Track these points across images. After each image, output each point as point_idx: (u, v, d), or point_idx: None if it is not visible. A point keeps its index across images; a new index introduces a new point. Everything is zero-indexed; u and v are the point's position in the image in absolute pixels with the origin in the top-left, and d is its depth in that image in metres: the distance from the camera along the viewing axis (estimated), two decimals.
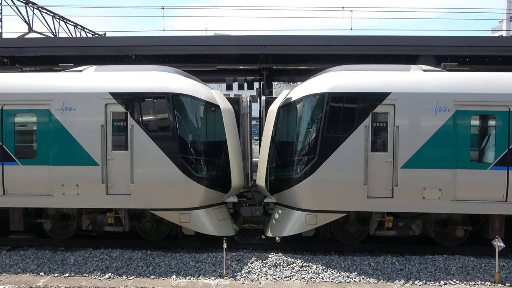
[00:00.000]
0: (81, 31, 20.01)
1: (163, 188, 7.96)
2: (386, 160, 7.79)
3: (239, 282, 6.89)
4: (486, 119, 7.90)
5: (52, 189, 8.10)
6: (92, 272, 7.28)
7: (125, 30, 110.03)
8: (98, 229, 8.66)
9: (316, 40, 11.70)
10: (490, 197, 7.73)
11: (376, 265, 7.51)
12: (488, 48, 11.41)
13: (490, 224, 8.29)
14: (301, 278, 7.05)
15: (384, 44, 11.50)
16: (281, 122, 8.54)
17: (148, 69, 8.75)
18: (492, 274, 7.21)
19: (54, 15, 17.61)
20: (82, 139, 7.99)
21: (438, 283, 6.90)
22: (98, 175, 7.99)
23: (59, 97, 8.03)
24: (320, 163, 7.79)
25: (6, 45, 12.38)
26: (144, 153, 7.94)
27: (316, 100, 8.12)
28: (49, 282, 6.95)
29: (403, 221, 8.24)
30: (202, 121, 8.63)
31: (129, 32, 54.64)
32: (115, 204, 8.18)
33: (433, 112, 7.67)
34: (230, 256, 7.82)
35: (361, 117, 7.78)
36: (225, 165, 8.40)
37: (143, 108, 7.98)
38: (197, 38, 12.52)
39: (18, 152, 8.21)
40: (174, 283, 6.88)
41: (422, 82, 7.87)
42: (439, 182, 7.69)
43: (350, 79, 8.03)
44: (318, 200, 7.94)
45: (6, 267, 7.61)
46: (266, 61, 12.12)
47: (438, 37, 11.81)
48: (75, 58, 12.13)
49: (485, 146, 7.91)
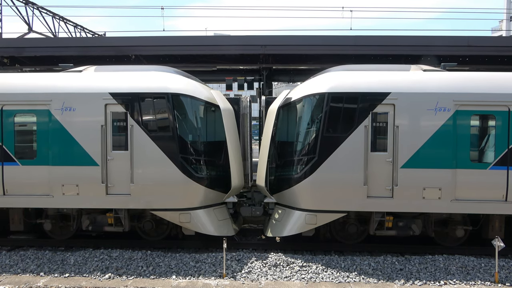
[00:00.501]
0: (81, 31, 20.01)
1: (163, 188, 7.96)
2: (386, 160, 7.79)
3: (239, 282, 6.89)
4: (486, 119, 7.90)
5: (52, 189, 8.10)
6: (92, 272, 7.28)
7: (125, 30, 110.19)
8: (98, 229, 8.66)
9: (316, 40, 11.70)
10: (490, 197, 7.73)
11: (376, 265, 7.51)
12: (488, 48, 11.41)
13: (490, 224, 8.29)
14: (301, 278, 7.05)
15: (384, 44, 11.50)
16: (281, 122, 8.54)
17: (148, 69, 8.75)
18: (492, 274, 7.21)
19: (54, 15, 17.61)
20: (82, 139, 7.99)
21: (438, 283, 6.90)
22: (98, 175, 7.99)
23: (59, 97, 8.03)
24: (320, 163, 7.79)
25: (6, 45, 12.38)
26: (144, 153, 7.94)
27: (316, 100, 8.12)
28: (49, 282, 6.95)
29: (403, 221, 8.24)
30: (202, 121, 8.63)
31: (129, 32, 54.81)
32: (115, 204, 8.18)
33: (433, 112, 7.67)
34: (230, 256, 7.82)
35: (361, 117, 7.78)
36: (225, 165, 8.40)
37: (143, 108, 7.98)
38: (197, 38, 12.52)
39: (18, 152, 8.21)
40: (174, 283, 6.88)
41: (422, 82, 7.87)
42: (439, 182, 7.69)
43: (350, 79, 8.03)
44: (318, 200, 7.94)
45: (6, 267, 7.61)
46: (266, 61, 12.12)
47: (438, 37, 11.81)
48: (75, 58, 12.13)
49: (485, 146, 7.91)
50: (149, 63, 12.32)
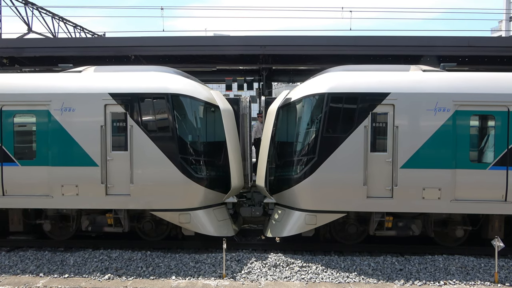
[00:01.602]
0: (80, 32, 19.99)
1: (163, 189, 7.95)
2: (386, 160, 7.79)
3: (239, 283, 6.88)
4: (485, 119, 7.91)
5: (51, 190, 8.09)
6: (92, 273, 7.27)
7: (124, 30, 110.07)
8: (97, 229, 8.64)
9: (316, 41, 11.71)
10: (489, 197, 7.73)
11: (375, 265, 7.51)
12: (487, 48, 11.43)
13: (490, 224, 8.29)
14: (300, 278, 7.05)
15: (383, 44, 11.52)
16: (281, 122, 8.54)
17: (147, 70, 8.75)
18: (492, 274, 7.21)
19: (54, 15, 17.59)
20: (81, 139, 7.98)
21: (438, 283, 6.90)
22: (98, 175, 7.98)
23: (59, 98, 8.02)
24: (319, 163, 7.79)
25: (6, 45, 12.38)
26: (143, 154, 7.93)
27: (315, 101, 8.12)
28: (49, 283, 6.94)
29: (402, 221, 8.24)
30: (202, 121, 8.63)
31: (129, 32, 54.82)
32: (115, 205, 8.17)
33: (433, 112, 7.67)
34: (229, 256, 7.81)
35: (361, 117, 7.78)
36: (225, 165, 8.39)
37: (143, 109, 7.98)
38: (197, 38, 12.52)
39: (18, 152, 8.20)
40: (173, 283, 6.87)
41: (421, 82, 7.88)
42: (439, 182, 7.69)
43: (349, 80, 8.03)
44: (317, 200, 7.94)
45: (5, 268, 7.60)
46: (266, 61, 12.13)
47: (438, 37, 11.83)
48: (75, 58, 12.14)
49: (485, 146, 7.92)
50: (148, 63, 12.33)
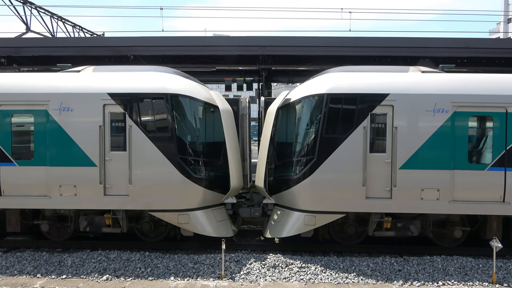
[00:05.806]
0: (79, 31, 19.93)
1: (162, 189, 7.93)
2: (385, 161, 7.80)
3: (237, 283, 6.87)
4: (483, 120, 7.94)
5: (49, 190, 8.05)
6: (90, 274, 7.24)
7: (123, 30, 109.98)
8: (95, 230, 8.61)
9: (315, 41, 11.70)
10: (488, 198, 7.76)
11: (374, 266, 7.52)
12: (485, 50, 11.45)
13: (488, 225, 8.32)
14: (299, 279, 7.05)
15: (382, 45, 11.52)
16: (280, 123, 8.54)
17: (146, 70, 8.73)
18: (490, 274, 7.23)
19: (52, 15, 17.53)
20: (79, 139, 7.96)
21: (437, 283, 6.91)
22: (96, 176, 7.95)
23: (57, 98, 8.00)
24: (319, 164, 7.79)
25: (4, 45, 12.31)
26: (142, 154, 7.91)
27: (315, 101, 8.12)
28: (46, 284, 6.91)
29: (401, 221, 8.25)
30: (201, 122, 8.61)
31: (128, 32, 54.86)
32: (113, 205, 8.14)
33: (431, 113, 7.70)
34: (228, 257, 7.80)
35: (360, 118, 7.79)
36: (224, 166, 8.39)
37: (142, 109, 7.96)
38: (196, 38, 12.49)
39: (15, 152, 8.17)
40: (172, 284, 6.85)
41: (420, 83, 7.90)
42: (437, 183, 7.70)
43: (348, 80, 8.04)
44: (317, 201, 7.94)
45: (2, 269, 7.56)
46: (265, 62, 12.11)
47: (436, 38, 11.87)
48: (73, 58, 12.08)
49: (483, 147, 7.94)
50: (147, 63, 12.29)
